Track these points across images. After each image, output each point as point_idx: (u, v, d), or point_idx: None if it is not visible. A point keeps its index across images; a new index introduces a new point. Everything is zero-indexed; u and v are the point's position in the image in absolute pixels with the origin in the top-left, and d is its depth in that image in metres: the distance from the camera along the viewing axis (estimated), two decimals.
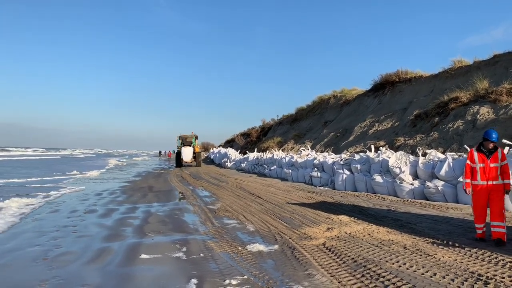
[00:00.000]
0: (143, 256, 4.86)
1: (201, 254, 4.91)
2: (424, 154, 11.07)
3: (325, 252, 4.88)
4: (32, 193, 11.17)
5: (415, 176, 10.53)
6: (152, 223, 7.13)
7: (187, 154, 30.15)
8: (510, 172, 5.21)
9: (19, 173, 20.28)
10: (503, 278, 3.74)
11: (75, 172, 21.28)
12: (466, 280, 3.71)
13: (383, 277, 3.87)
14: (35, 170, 23.05)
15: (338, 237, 5.68)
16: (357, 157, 13.04)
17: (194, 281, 3.91)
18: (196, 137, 32.71)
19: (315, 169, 14.95)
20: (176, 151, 32.35)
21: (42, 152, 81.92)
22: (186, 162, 30.39)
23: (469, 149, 9.98)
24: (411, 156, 11.28)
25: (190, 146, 30.90)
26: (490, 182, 5.17)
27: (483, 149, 5.33)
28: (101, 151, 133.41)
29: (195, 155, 30.78)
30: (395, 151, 12.62)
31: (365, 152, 13.60)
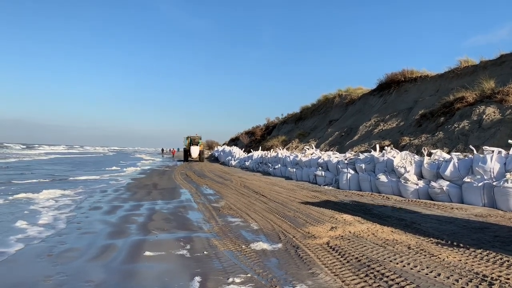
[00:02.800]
0: (147, 253, 4.87)
1: (205, 252, 4.92)
2: (429, 154, 11.02)
3: (328, 251, 4.88)
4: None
5: (420, 176, 10.48)
6: (156, 220, 7.15)
7: (194, 151, 37.57)
8: None
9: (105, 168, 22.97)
10: (508, 279, 3.72)
11: (114, 168, 24.27)
12: (470, 281, 3.69)
13: (387, 276, 3.86)
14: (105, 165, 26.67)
15: (342, 236, 5.67)
16: (361, 156, 13.00)
17: (197, 278, 3.92)
18: (200, 138, 39.82)
19: (320, 168, 14.93)
20: (184, 149, 39.65)
21: (77, 150, 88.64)
22: (192, 158, 37.50)
23: (474, 150, 9.96)
24: (416, 156, 11.24)
25: (197, 145, 38.12)
26: None
27: None
28: (116, 149, 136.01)
29: (200, 153, 37.77)
30: (400, 151, 12.58)
31: (370, 151, 13.56)
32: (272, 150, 25.76)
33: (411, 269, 4.09)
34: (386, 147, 12.93)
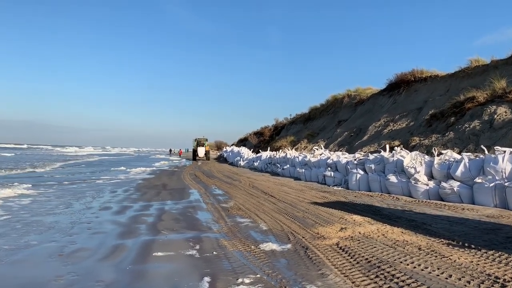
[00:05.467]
0: (157, 253, 4.89)
1: (214, 252, 4.92)
2: (440, 154, 10.92)
3: (338, 252, 4.85)
4: None
5: (430, 176, 10.40)
6: (165, 220, 7.18)
7: (201, 151, 43.05)
8: None
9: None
10: None
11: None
12: (482, 283, 3.65)
13: (397, 278, 3.83)
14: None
15: (351, 237, 5.64)
16: (371, 156, 12.93)
17: (207, 279, 3.92)
18: (206, 140, 45.47)
19: (329, 168, 14.88)
20: (192, 150, 45.41)
21: (106, 151, 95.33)
22: (199, 157, 43.02)
23: (485, 150, 9.84)
24: (426, 156, 11.15)
25: (203, 146, 43.46)
26: None
27: None
28: (135, 150, 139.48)
29: (206, 153, 43.38)
30: (410, 151, 12.49)
31: (380, 151, 13.48)
32: (280, 150, 25.72)
33: (422, 270, 4.05)
34: (396, 148, 12.84)
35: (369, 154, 13.81)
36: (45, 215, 7.50)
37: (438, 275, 3.88)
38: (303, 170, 17.11)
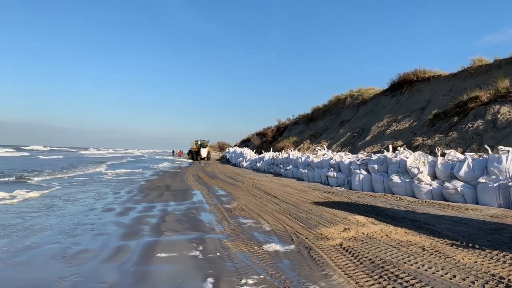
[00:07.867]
0: (160, 254, 4.90)
1: (218, 253, 4.93)
2: (443, 154, 10.89)
3: (342, 252, 4.85)
4: None
5: (434, 176, 10.37)
6: (169, 221, 7.18)
7: (203, 152, 48.07)
8: None
9: None
10: None
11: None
12: (487, 283, 3.64)
13: (401, 278, 3.82)
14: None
15: (355, 237, 5.63)
16: (374, 157, 12.91)
17: (210, 280, 3.92)
18: (208, 141, 51.40)
19: (332, 169, 14.86)
20: (190, 150, 50.77)
21: (125, 153, 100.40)
22: (201, 158, 47.62)
23: (489, 149, 9.80)
24: (429, 156, 11.12)
25: (205, 148, 48.93)
26: None
27: None
28: (145, 151, 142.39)
29: (207, 153, 48.41)
30: (413, 151, 12.46)
31: (383, 152, 13.45)
32: (283, 151, 25.71)
33: (426, 270, 4.04)
34: (399, 148, 12.81)
35: (372, 154, 13.78)
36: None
37: (442, 276, 3.87)
38: (306, 170, 17.09)
